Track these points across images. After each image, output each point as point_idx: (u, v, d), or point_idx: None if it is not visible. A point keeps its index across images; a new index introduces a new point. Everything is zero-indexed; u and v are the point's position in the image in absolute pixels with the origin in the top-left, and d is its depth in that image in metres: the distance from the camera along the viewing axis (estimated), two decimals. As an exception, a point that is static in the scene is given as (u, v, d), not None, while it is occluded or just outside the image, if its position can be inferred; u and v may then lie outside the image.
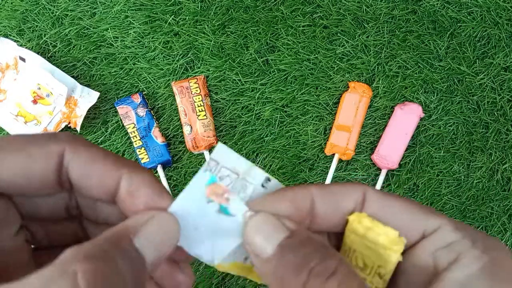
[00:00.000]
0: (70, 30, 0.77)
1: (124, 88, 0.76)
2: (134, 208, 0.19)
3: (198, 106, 0.73)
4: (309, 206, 0.20)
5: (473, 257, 0.18)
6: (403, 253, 0.20)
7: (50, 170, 0.18)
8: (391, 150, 0.72)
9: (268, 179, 0.21)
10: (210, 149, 0.74)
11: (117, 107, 0.74)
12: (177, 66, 0.76)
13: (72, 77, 0.74)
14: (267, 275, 0.19)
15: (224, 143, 0.75)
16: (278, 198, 0.20)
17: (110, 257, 0.16)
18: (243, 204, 0.20)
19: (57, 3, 0.78)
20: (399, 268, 0.20)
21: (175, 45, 0.76)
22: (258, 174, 0.21)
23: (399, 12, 0.76)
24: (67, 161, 0.19)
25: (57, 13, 0.77)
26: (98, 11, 0.77)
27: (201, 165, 0.68)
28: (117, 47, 0.77)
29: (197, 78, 0.74)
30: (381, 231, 0.20)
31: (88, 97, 0.73)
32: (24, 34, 0.78)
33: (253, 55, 0.76)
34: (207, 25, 0.76)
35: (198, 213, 0.21)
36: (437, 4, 0.76)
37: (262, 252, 0.19)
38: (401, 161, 0.73)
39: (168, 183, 0.74)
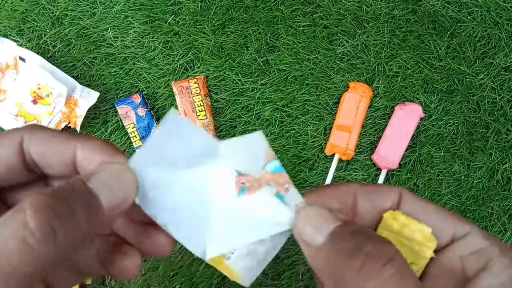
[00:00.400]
0: (70, 30, 0.77)
1: (124, 88, 0.76)
2: None
3: (198, 106, 0.73)
4: (352, 202, 0.21)
5: (503, 265, 0.19)
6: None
7: (13, 155, 0.20)
8: (391, 150, 0.72)
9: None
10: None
11: (117, 107, 0.74)
12: (177, 66, 0.76)
13: (72, 77, 0.74)
14: (318, 264, 0.19)
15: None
16: (326, 193, 0.21)
17: (60, 194, 0.17)
18: (300, 195, 0.21)
19: (57, 3, 0.78)
20: (427, 269, 0.21)
21: (175, 45, 0.76)
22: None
23: (399, 12, 0.76)
24: (26, 145, 0.20)
25: (57, 13, 0.77)
26: (98, 11, 0.77)
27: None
28: (117, 47, 0.77)
29: (197, 78, 0.74)
30: (416, 228, 0.20)
31: (88, 97, 0.73)
32: (24, 34, 0.78)
33: (253, 55, 0.76)
34: (207, 25, 0.76)
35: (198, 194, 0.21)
36: (437, 4, 0.76)
37: (313, 240, 0.19)
38: (401, 161, 0.73)
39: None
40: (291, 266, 0.72)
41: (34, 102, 0.72)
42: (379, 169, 0.73)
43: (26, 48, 0.74)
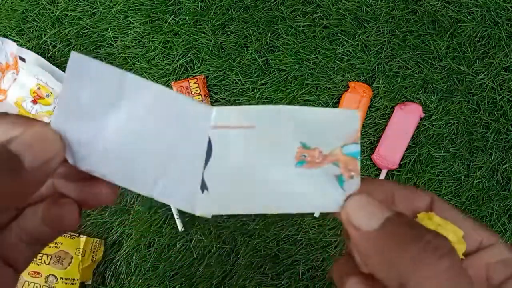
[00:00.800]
0: (70, 30, 0.77)
1: (124, 88, 0.76)
2: None
3: (198, 106, 0.73)
4: (391, 197, 0.22)
5: None
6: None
7: None
8: (391, 150, 0.72)
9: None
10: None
11: (117, 107, 0.74)
12: (177, 66, 0.76)
13: (72, 77, 0.74)
14: (366, 248, 0.19)
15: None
16: (373, 185, 0.22)
17: None
18: (358, 185, 0.21)
19: (57, 3, 0.78)
20: None
21: (175, 45, 0.76)
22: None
23: (399, 12, 0.76)
24: None
25: (57, 13, 0.77)
26: (98, 11, 0.77)
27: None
28: (117, 47, 0.77)
29: (197, 78, 0.74)
30: (450, 229, 0.21)
31: (88, 97, 0.73)
32: (24, 34, 0.78)
33: (253, 55, 0.76)
34: (207, 25, 0.76)
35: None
36: (437, 4, 0.76)
37: (365, 225, 0.19)
38: (401, 161, 0.73)
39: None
40: (291, 266, 0.72)
41: (34, 102, 0.72)
42: (379, 169, 0.73)
43: (26, 48, 0.74)
